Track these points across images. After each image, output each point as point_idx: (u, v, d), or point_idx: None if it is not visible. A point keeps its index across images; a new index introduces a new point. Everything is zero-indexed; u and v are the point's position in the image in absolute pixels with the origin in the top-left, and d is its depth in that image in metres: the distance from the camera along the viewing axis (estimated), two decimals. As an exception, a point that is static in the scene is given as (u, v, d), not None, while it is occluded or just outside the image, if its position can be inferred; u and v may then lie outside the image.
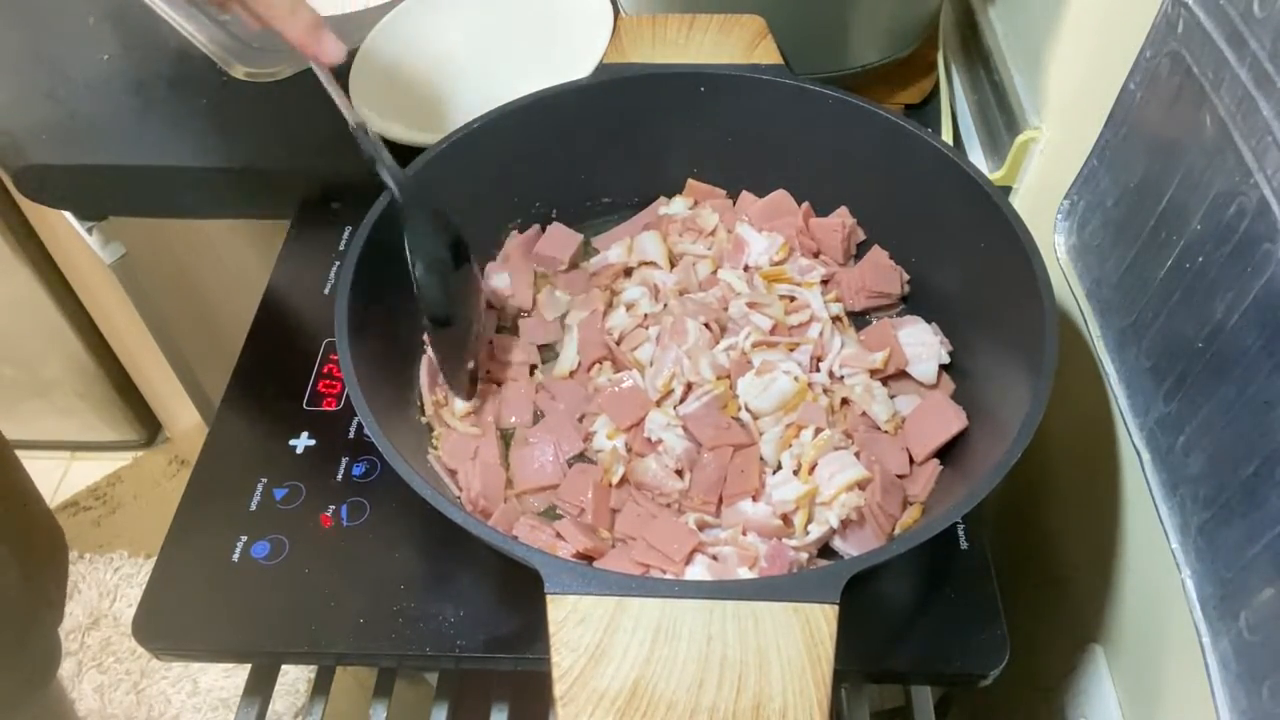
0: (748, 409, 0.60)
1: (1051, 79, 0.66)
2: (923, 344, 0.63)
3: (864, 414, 0.60)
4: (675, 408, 0.59)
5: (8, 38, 0.91)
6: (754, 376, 0.60)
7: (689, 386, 0.60)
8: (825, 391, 0.61)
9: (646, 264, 0.69)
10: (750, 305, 0.64)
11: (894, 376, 0.63)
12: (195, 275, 0.96)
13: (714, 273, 0.68)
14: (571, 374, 0.64)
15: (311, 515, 0.59)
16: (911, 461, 0.59)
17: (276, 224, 0.77)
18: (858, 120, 0.65)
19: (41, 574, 0.78)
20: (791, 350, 0.62)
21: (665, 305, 0.66)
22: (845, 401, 0.61)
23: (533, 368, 0.65)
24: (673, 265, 0.69)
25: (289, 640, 0.54)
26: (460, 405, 0.62)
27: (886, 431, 0.60)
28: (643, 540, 0.54)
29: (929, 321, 0.64)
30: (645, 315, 0.65)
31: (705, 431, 0.58)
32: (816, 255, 0.69)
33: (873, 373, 0.62)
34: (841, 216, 0.69)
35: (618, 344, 0.65)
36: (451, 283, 0.59)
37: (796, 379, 0.60)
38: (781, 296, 0.65)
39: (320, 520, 0.59)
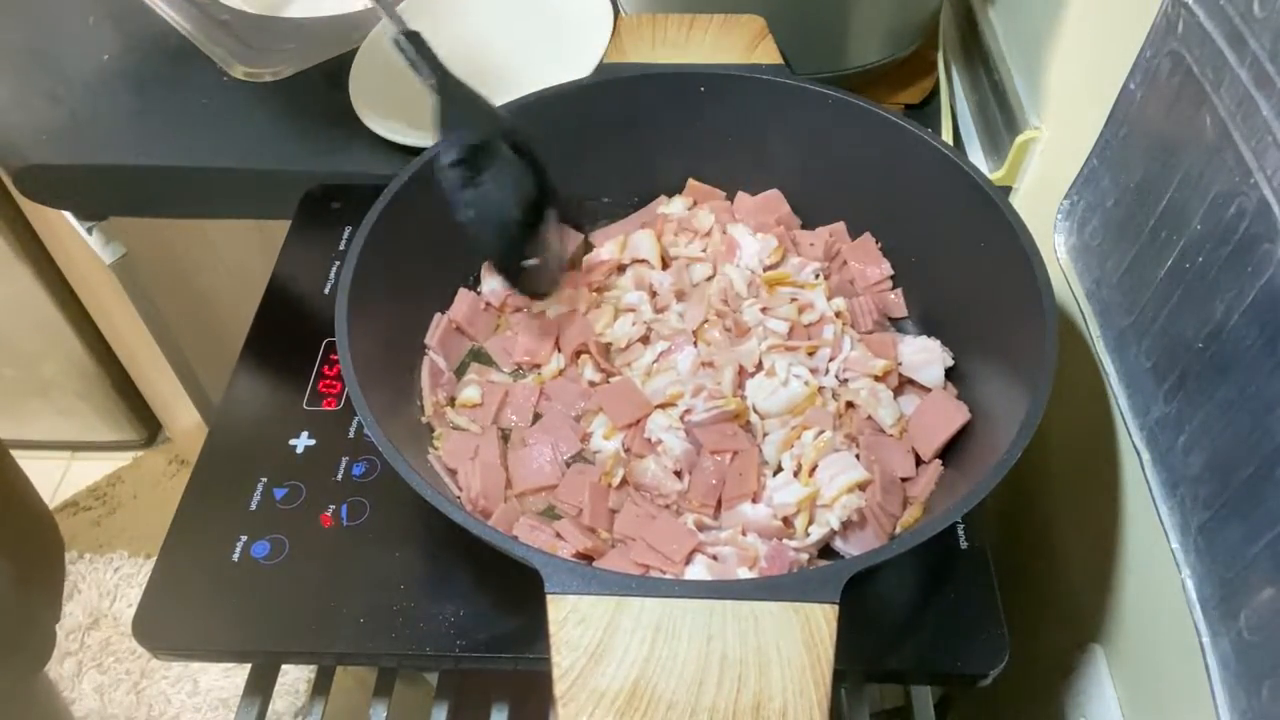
0: (755, 410, 0.60)
1: (1051, 79, 0.66)
2: (925, 349, 0.62)
3: (869, 418, 0.60)
4: (684, 416, 0.59)
5: (8, 38, 0.91)
6: (764, 378, 0.60)
7: (698, 389, 0.60)
8: (834, 395, 0.61)
9: (639, 261, 0.69)
10: (764, 310, 0.64)
11: (899, 383, 0.63)
12: (195, 275, 0.96)
13: (710, 277, 0.68)
14: (561, 372, 0.65)
15: (311, 515, 0.59)
16: (918, 462, 0.59)
17: (276, 224, 0.77)
18: (858, 120, 0.65)
19: (37, 574, 0.78)
20: (811, 354, 0.62)
21: (663, 310, 0.66)
22: (850, 405, 0.61)
23: (535, 366, 0.65)
24: (664, 265, 0.69)
25: (289, 640, 0.54)
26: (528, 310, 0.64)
27: (892, 435, 0.60)
28: (642, 541, 0.54)
29: (929, 333, 0.64)
30: (647, 325, 0.65)
31: (709, 436, 0.58)
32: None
33: (877, 378, 0.62)
34: (822, 236, 0.69)
35: (610, 348, 0.65)
36: (483, 182, 0.59)
37: (807, 383, 0.60)
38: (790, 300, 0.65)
39: (320, 520, 0.59)
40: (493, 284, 0.68)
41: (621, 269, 0.69)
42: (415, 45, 0.61)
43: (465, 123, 0.59)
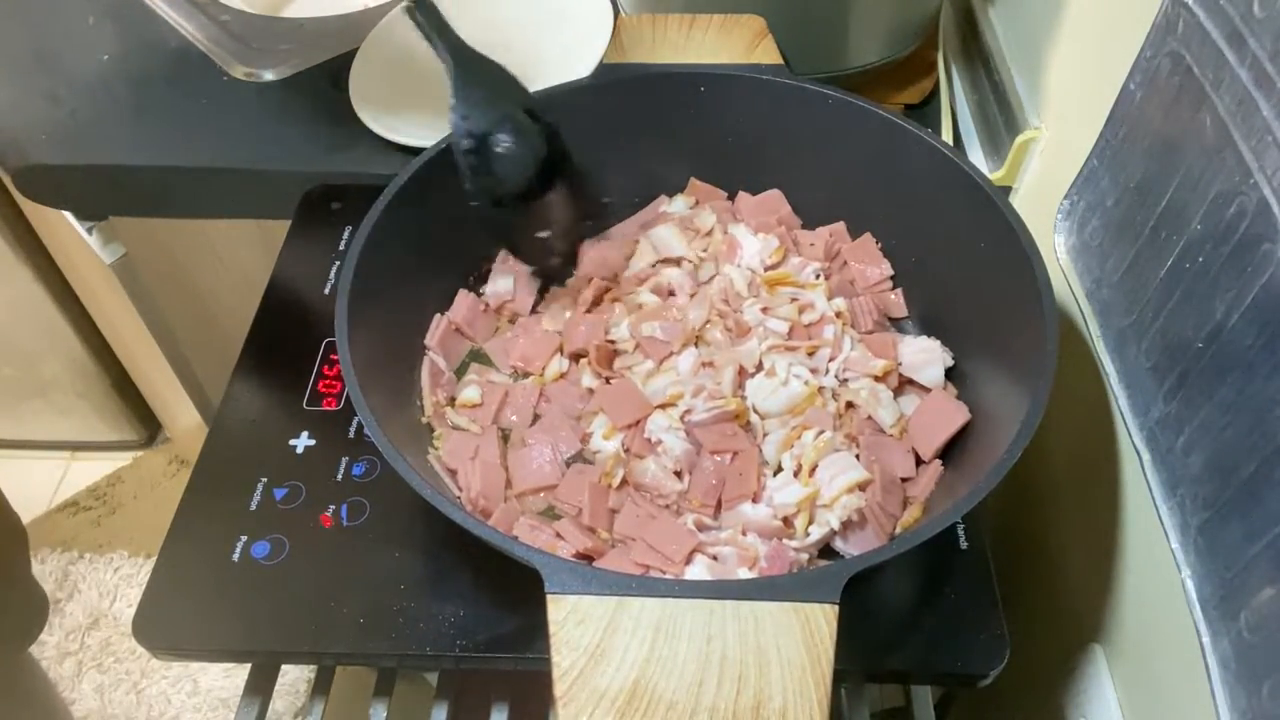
0: (755, 410, 0.60)
1: (1051, 79, 0.66)
2: (925, 349, 0.62)
3: (869, 418, 0.60)
4: (684, 416, 0.59)
5: (8, 38, 0.91)
6: (764, 378, 0.60)
7: (698, 390, 0.60)
8: (834, 395, 0.61)
9: (666, 261, 0.68)
10: (764, 310, 0.64)
11: (899, 383, 0.63)
12: (195, 275, 0.96)
13: (712, 277, 0.68)
14: (562, 375, 0.64)
15: (311, 515, 0.59)
16: (918, 462, 0.59)
17: (276, 224, 0.77)
18: (858, 120, 0.65)
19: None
20: (811, 354, 0.62)
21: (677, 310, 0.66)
22: (850, 405, 0.61)
23: (528, 373, 0.65)
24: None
25: (289, 640, 0.54)
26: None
27: (892, 435, 0.60)
28: (642, 541, 0.54)
29: (929, 333, 0.64)
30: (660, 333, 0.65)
31: (709, 436, 0.58)
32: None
33: (877, 378, 0.62)
34: (822, 236, 0.69)
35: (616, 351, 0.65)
36: (499, 160, 0.59)
37: (807, 383, 0.60)
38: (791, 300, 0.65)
39: (320, 520, 0.59)
40: (497, 285, 0.68)
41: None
42: (428, 16, 0.60)
43: (479, 101, 0.59)
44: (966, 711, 0.82)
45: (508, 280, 0.68)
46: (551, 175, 0.62)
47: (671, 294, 0.67)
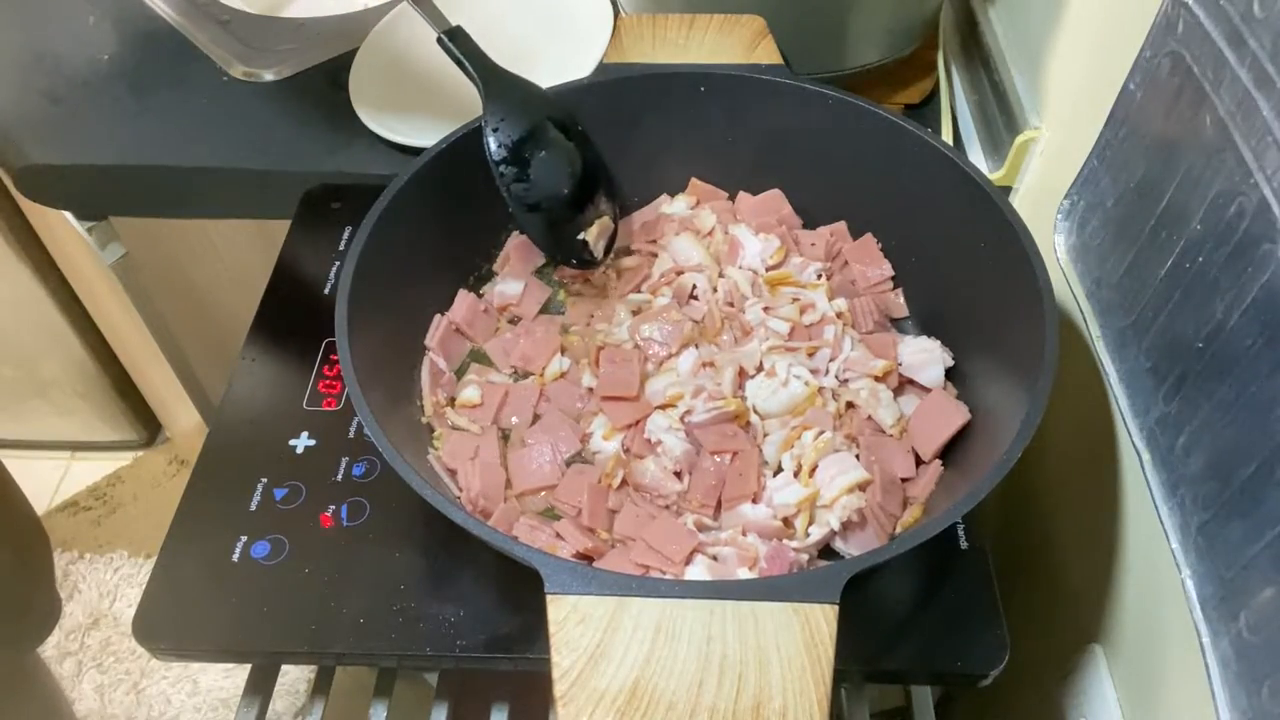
0: (755, 411, 0.60)
1: (1051, 79, 0.66)
2: (925, 350, 0.62)
3: (869, 418, 0.60)
4: (684, 417, 0.59)
5: (8, 38, 0.91)
6: (764, 379, 0.60)
7: (698, 390, 0.60)
8: (834, 396, 0.61)
9: (684, 270, 0.68)
10: (765, 310, 0.64)
11: (899, 383, 0.63)
12: (195, 275, 0.96)
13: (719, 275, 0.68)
14: (562, 375, 0.65)
15: (311, 515, 0.59)
16: (918, 462, 0.59)
17: (276, 224, 0.77)
18: (858, 120, 0.65)
19: (30, 561, 0.81)
20: (811, 355, 0.62)
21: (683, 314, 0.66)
22: (850, 405, 0.61)
23: (529, 373, 0.65)
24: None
25: (289, 640, 0.54)
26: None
27: (892, 435, 0.60)
28: (642, 541, 0.54)
29: (929, 333, 0.64)
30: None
31: (709, 437, 0.58)
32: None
33: (877, 379, 0.62)
34: (823, 235, 0.69)
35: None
36: (533, 168, 0.62)
37: (807, 384, 0.60)
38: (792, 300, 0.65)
39: (320, 520, 0.59)
40: (505, 288, 0.68)
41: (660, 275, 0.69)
42: (457, 42, 0.62)
43: (507, 112, 0.61)
44: (966, 711, 0.82)
45: (516, 285, 0.68)
46: (592, 183, 0.65)
47: (694, 298, 0.67)
